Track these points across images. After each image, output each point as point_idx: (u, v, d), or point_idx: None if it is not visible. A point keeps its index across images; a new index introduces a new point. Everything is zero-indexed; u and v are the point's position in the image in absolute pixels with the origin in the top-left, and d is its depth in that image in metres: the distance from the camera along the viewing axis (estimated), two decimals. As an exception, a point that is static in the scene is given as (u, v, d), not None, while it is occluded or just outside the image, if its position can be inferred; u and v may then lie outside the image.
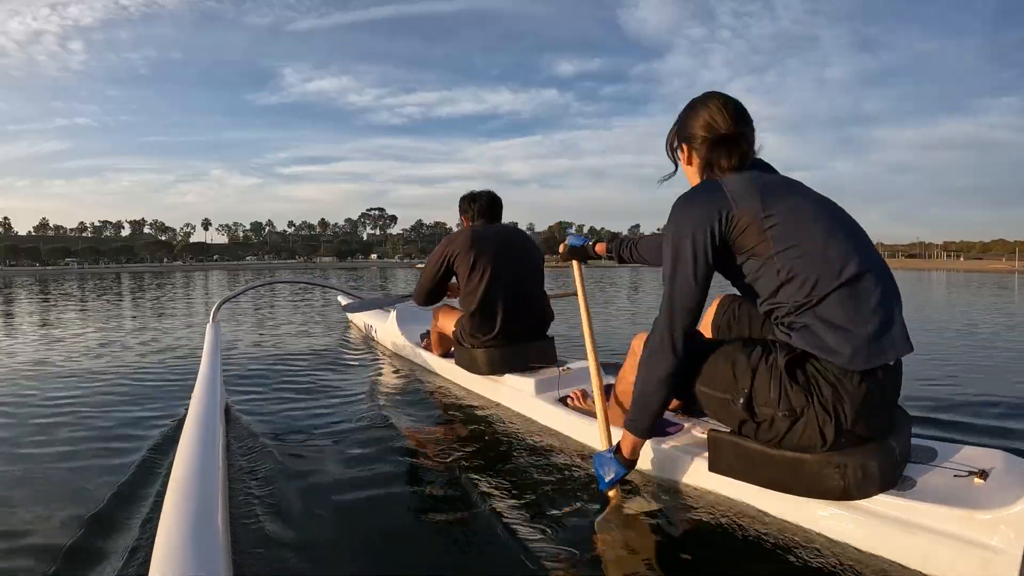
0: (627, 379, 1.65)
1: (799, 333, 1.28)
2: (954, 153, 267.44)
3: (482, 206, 2.71)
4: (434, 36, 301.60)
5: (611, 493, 1.54)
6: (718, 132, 1.40)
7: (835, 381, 1.24)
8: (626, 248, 2.04)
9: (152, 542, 0.97)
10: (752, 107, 1.44)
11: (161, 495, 1.23)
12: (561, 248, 2.12)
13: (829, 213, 1.33)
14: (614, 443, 1.57)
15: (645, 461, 1.70)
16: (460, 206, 2.79)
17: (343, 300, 5.58)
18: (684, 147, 1.49)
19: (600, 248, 2.08)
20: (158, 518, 1.05)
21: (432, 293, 2.72)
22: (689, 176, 1.52)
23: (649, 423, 1.44)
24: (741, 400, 1.32)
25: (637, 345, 1.59)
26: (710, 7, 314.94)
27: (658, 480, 1.66)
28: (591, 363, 1.81)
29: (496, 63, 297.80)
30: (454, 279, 2.68)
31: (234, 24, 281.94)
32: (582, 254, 2.10)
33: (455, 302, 2.82)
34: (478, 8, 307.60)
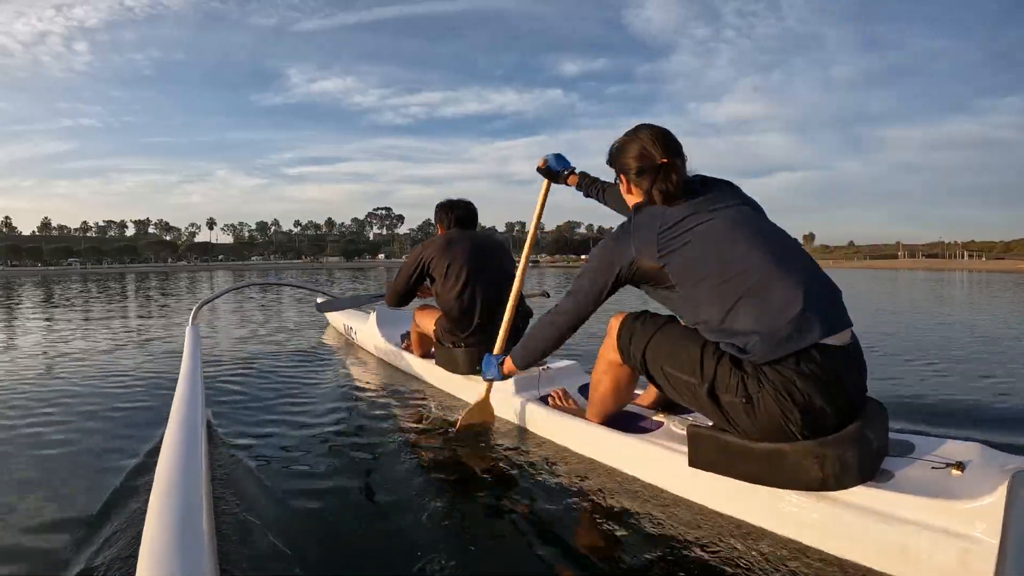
0: (605, 357, 1.71)
1: (724, 343, 1.38)
2: (960, 153, 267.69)
3: (459, 217, 2.84)
4: (438, 36, 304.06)
5: (483, 387, 2.17)
6: (652, 162, 1.54)
7: (771, 369, 1.30)
8: (595, 188, 2.21)
9: (137, 545, 0.98)
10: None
11: (145, 499, 1.24)
12: (540, 163, 2.24)
13: (737, 232, 1.42)
14: (504, 355, 1.96)
15: (625, 457, 1.73)
16: (436, 214, 2.90)
17: (320, 300, 5.59)
18: (622, 177, 1.65)
19: (572, 180, 2.24)
20: (143, 521, 1.06)
21: (404, 296, 2.85)
22: (628, 202, 1.69)
23: (524, 365, 1.88)
24: (706, 386, 1.37)
25: (614, 325, 1.65)
26: (715, 7, 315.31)
27: (638, 476, 1.68)
28: (512, 295, 2.18)
29: (500, 63, 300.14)
30: (427, 282, 2.79)
31: (238, 25, 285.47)
32: (554, 177, 2.22)
33: (430, 300, 2.91)
34: (482, 8, 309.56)
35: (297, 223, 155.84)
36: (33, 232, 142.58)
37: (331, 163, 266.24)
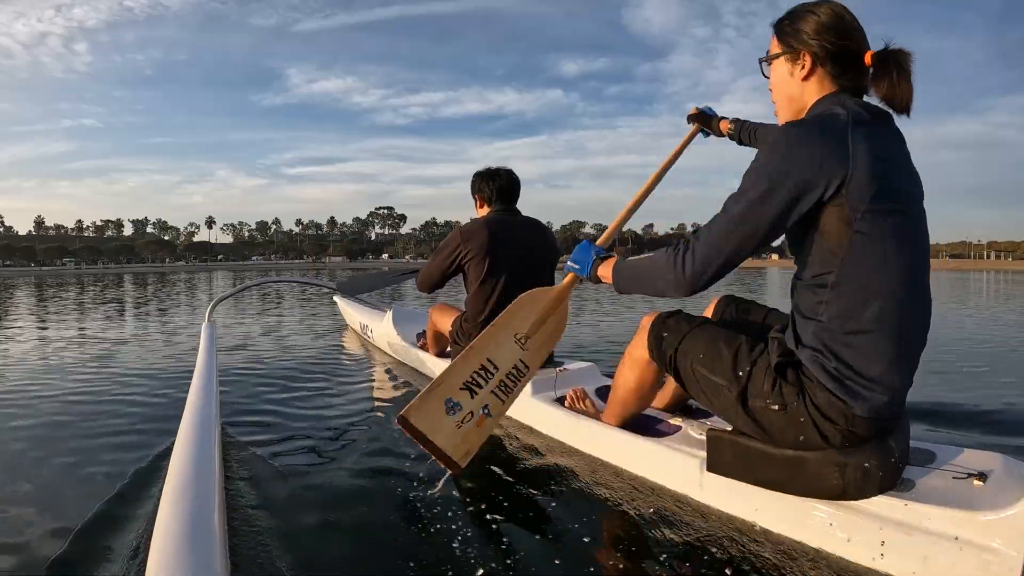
0: (632, 355, 1.68)
1: (815, 357, 1.25)
2: (961, 153, 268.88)
3: (501, 187, 2.61)
4: (439, 36, 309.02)
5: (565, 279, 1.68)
6: (857, 47, 1.23)
7: (837, 406, 1.25)
8: (747, 132, 2.04)
9: (149, 543, 1.01)
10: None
11: (158, 497, 1.28)
12: (693, 109, 2.19)
13: (919, 241, 1.23)
14: (608, 253, 1.59)
15: (642, 460, 1.75)
16: (474, 184, 2.67)
17: (338, 297, 5.67)
18: (804, 55, 1.26)
19: (724, 125, 2.10)
20: (155, 519, 1.09)
21: (437, 285, 2.70)
22: (787, 95, 1.33)
23: (623, 285, 1.46)
24: (736, 389, 1.36)
25: (646, 323, 1.62)
26: (715, 7, 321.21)
27: (655, 480, 1.70)
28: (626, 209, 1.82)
29: (501, 63, 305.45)
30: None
31: (239, 25, 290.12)
32: (705, 121, 2.16)
33: (449, 300, 2.87)
34: (482, 8, 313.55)
35: (299, 222, 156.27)
36: (30, 232, 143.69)
37: (332, 163, 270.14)
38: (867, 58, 1.23)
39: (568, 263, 1.63)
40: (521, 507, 1.61)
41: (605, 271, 1.52)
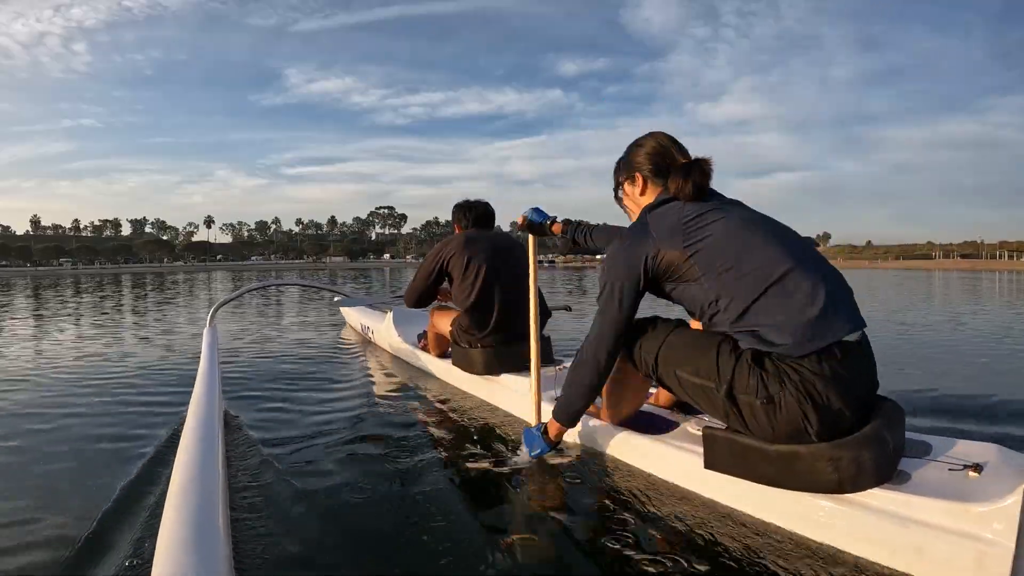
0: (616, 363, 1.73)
1: (743, 337, 1.43)
2: (960, 153, 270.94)
3: (477, 216, 2.97)
4: (438, 36, 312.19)
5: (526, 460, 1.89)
6: (671, 161, 1.65)
7: (796, 366, 1.34)
8: (581, 233, 2.24)
9: (153, 544, 1.04)
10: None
11: (162, 498, 1.30)
12: (520, 220, 2.28)
13: (754, 228, 1.50)
14: (543, 421, 1.89)
15: (641, 457, 1.78)
16: (454, 215, 3.03)
17: (338, 298, 5.80)
18: (636, 177, 1.72)
19: (556, 228, 2.26)
20: (159, 520, 1.12)
21: (423, 295, 2.96)
22: (632, 209, 1.77)
23: (571, 418, 1.78)
24: (724, 388, 1.41)
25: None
26: (714, 6, 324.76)
27: (652, 477, 1.72)
28: (532, 337, 2.11)
29: (501, 63, 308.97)
30: (445, 283, 2.88)
31: (238, 25, 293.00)
32: (539, 230, 2.26)
33: (450, 304, 3.01)
34: (482, 8, 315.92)
35: (299, 222, 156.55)
36: (27, 232, 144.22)
37: (332, 163, 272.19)
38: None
39: (530, 454, 1.88)
40: (520, 505, 1.63)
41: (556, 429, 1.84)
